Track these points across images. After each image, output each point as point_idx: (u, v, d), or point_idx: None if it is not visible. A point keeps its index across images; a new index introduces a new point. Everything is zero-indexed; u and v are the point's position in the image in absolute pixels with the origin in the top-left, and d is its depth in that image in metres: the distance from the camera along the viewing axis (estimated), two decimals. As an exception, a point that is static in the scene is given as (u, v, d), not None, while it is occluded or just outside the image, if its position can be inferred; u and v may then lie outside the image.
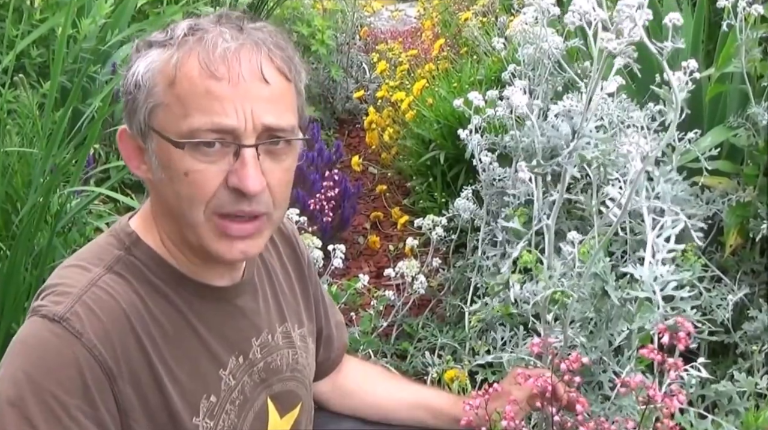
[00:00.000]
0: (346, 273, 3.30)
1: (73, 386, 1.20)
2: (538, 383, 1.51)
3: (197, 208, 1.25)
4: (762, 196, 2.30)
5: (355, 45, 5.85)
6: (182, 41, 1.24)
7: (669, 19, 1.55)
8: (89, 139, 2.44)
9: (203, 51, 1.22)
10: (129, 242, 1.33)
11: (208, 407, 1.34)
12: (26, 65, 3.07)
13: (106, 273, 1.28)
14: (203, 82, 1.21)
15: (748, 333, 2.18)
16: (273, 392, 1.47)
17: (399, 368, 2.57)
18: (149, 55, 1.26)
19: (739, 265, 2.39)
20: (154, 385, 1.27)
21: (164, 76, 1.24)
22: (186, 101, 1.22)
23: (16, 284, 2.23)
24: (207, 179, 1.23)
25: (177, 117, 1.22)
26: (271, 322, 1.49)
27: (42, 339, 1.21)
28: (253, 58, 1.23)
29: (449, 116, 3.60)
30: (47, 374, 1.19)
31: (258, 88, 1.23)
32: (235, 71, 1.21)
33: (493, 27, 4.49)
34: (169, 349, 1.29)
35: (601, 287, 1.70)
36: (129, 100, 1.27)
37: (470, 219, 2.79)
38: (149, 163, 1.29)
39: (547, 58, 2.27)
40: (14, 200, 2.45)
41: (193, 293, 1.34)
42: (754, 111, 2.27)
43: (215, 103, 1.21)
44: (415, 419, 1.76)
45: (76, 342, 1.20)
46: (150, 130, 1.26)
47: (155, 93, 1.24)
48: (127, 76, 1.28)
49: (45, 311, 1.23)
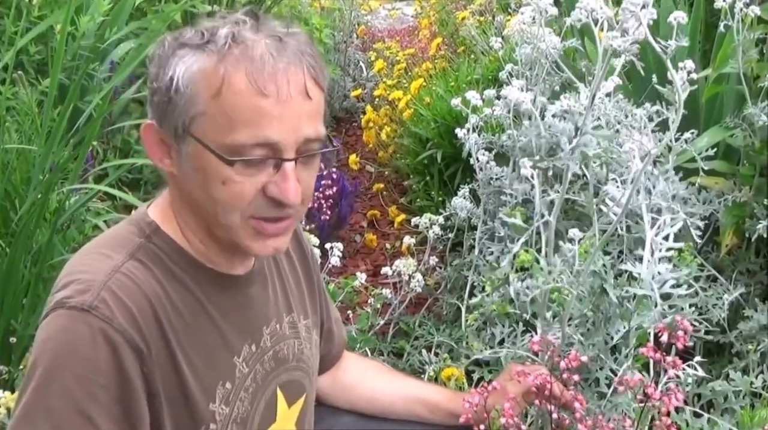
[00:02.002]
0: (344, 271, 3.31)
1: (110, 377, 1.22)
2: (537, 380, 1.52)
3: (233, 213, 1.29)
4: (758, 196, 2.31)
5: (352, 44, 5.85)
6: (227, 52, 1.25)
7: (673, 17, 1.56)
8: (88, 137, 2.44)
9: (251, 66, 1.23)
10: (149, 230, 1.35)
11: (224, 394, 1.36)
12: (25, 62, 3.07)
13: (129, 260, 1.30)
14: (251, 98, 1.23)
15: (743, 332, 2.19)
16: (281, 381, 1.49)
17: (396, 366, 2.57)
18: (186, 58, 1.26)
19: (734, 265, 2.41)
20: (173, 370, 1.29)
21: (209, 86, 1.24)
22: (232, 115, 1.23)
23: (15, 281, 2.23)
24: (245, 189, 1.27)
25: (220, 128, 1.24)
26: (279, 311, 1.51)
27: (75, 332, 1.22)
28: (298, 75, 1.25)
29: (446, 115, 3.61)
30: (87, 366, 1.21)
31: (302, 104, 1.26)
32: (283, 90, 1.23)
33: (490, 26, 4.49)
34: (187, 335, 1.31)
35: (600, 285, 1.71)
36: (163, 101, 1.28)
37: (467, 218, 2.80)
38: (176, 160, 1.31)
39: (544, 58, 2.28)
40: (13, 198, 2.46)
41: (210, 281, 1.37)
42: (751, 112, 2.28)
43: (262, 119, 1.23)
44: (412, 413, 1.78)
45: (108, 328, 1.22)
46: (188, 136, 1.27)
47: (197, 102, 1.25)
48: (159, 74, 1.29)
49: (73, 302, 1.23)
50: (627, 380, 1.44)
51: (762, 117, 2.25)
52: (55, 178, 2.32)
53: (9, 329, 2.22)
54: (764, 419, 1.62)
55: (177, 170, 1.32)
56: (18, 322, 2.23)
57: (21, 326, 2.21)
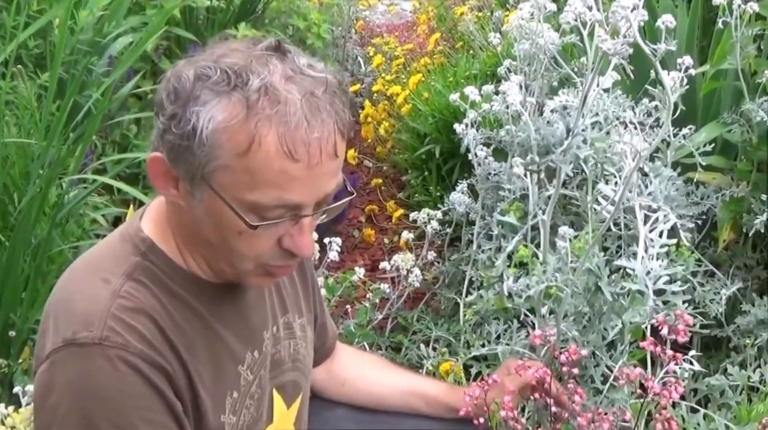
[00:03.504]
0: (342, 266, 3.31)
1: (147, 397, 1.23)
2: (537, 373, 1.53)
3: (246, 261, 1.29)
4: (755, 191, 2.32)
5: (351, 39, 5.85)
6: (258, 106, 1.17)
7: (662, 21, 1.57)
8: (88, 132, 2.44)
9: (284, 130, 1.17)
10: (144, 247, 1.32)
11: (232, 404, 1.36)
12: (23, 56, 3.07)
13: (127, 281, 1.27)
14: (280, 162, 1.17)
15: (740, 327, 2.20)
16: (277, 383, 1.50)
17: (394, 360, 2.58)
18: (210, 105, 1.18)
19: (732, 260, 2.42)
20: (188, 385, 1.29)
21: (236, 142, 1.17)
22: (257, 175, 1.19)
23: (14, 275, 2.24)
24: (261, 242, 1.25)
25: (242, 185, 1.20)
26: (275, 314, 1.50)
27: (96, 369, 1.21)
28: (330, 137, 1.20)
29: (444, 110, 3.61)
30: (120, 396, 1.22)
31: (329, 164, 1.22)
32: (314, 157, 1.19)
33: (488, 22, 4.50)
34: (192, 350, 1.30)
35: (595, 282, 1.72)
36: (180, 145, 1.20)
37: (465, 213, 2.80)
38: (185, 197, 1.26)
39: (543, 54, 2.28)
40: (12, 192, 2.46)
41: (209, 293, 1.35)
42: (748, 107, 2.29)
43: (288, 184, 1.19)
44: (409, 406, 1.78)
45: (125, 354, 1.21)
46: (205, 184, 1.22)
47: (220, 155, 1.19)
48: (177, 115, 1.20)
49: (82, 338, 1.22)
50: (627, 373, 1.45)
51: (759, 113, 2.25)
52: (54, 172, 2.33)
53: (8, 322, 2.23)
54: (761, 414, 1.63)
55: (185, 204, 1.27)
56: (17, 315, 2.23)
57: (20, 320, 2.22)
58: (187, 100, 1.19)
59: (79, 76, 2.50)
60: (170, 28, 3.61)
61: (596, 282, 1.69)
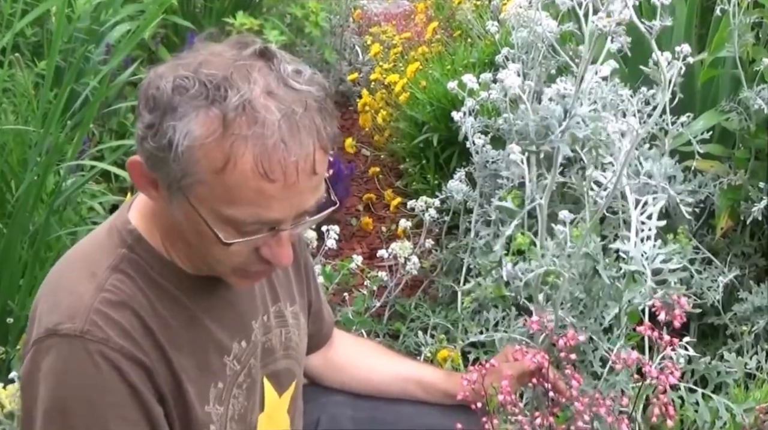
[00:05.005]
0: (339, 254, 3.31)
1: (121, 393, 1.24)
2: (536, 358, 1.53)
3: (223, 266, 1.30)
4: (753, 179, 2.33)
5: (348, 27, 5.82)
6: (235, 125, 1.15)
7: (658, 0, 1.57)
8: (86, 120, 2.44)
9: (260, 151, 1.15)
10: (131, 239, 1.32)
11: (216, 394, 1.37)
12: (21, 44, 3.07)
13: (112, 274, 1.28)
14: (256, 182, 1.16)
15: (738, 314, 2.21)
16: (269, 371, 1.50)
17: (392, 347, 2.57)
18: (187, 119, 1.16)
19: (729, 247, 2.43)
20: (171, 377, 1.30)
21: (211, 159, 1.16)
22: (233, 192, 1.18)
23: (12, 262, 2.24)
24: (239, 252, 1.25)
25: (219, 200, 1.19)
26: (266, 302, 1.51)
27: (75, 361, 1.23)
28: (308, 157, 1.18)
29: (442, 99, 3.60)
30: (96, 390, 1.23)
31: (307, 182, 1.20)
32: (291, 176, 1.17)
33: (486, 10, 4.49)
34: (177, 342, 1.31)
35: (592, 266, 1.72)
36: (156, 155, 1.19)
37: (463, 201, 2.80)
38: (165, 198, 1.25)
39: (540, 42, 2.28)
40: (9, 179, 2.46)
41: (195, 286, 1.35)
42: (746, 95, 2.29)
43: (265, 202, 1.18)
44: (407, 393, 1.78)
45: (105, 348, 1.23)
46: (182, 195, 1.21)
47: (196, 171, 1.17)
48: (154, 124, 1.19)
49: (65, 329, 1.23)
50: (624, 358, 1.45)
51: (757, 101, 2.26)
52: (51, 159, 2.33)
53: (6, 309, 2.23)
54: (758, 400, 1.63)
55: (165, 204, 1.27)
56: (15, 302, 2.23)
57: (18, 307, 2.22)
58: (164, 111, 1.18)
59: (77, 64, 2.49)
60: (168, 16, 3.60)
61: (593, 266, 1.69)
